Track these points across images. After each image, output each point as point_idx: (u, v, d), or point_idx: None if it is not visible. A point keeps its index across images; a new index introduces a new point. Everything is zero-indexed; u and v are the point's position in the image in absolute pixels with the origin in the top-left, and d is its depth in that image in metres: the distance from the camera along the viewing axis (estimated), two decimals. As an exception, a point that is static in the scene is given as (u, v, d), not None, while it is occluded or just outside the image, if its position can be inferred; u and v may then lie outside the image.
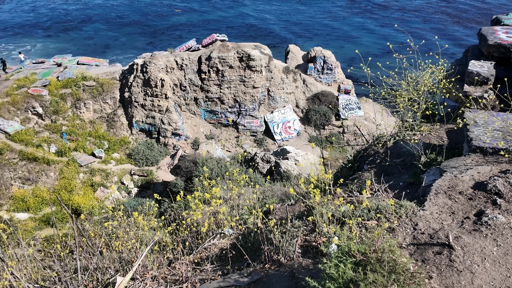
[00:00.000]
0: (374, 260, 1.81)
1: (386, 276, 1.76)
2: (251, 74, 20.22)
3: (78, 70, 19.68)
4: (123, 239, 2.99)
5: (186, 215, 3.38)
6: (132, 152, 18.40)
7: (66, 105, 18.36)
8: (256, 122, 21.41)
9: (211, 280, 2.58)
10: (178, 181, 13.75)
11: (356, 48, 7.11)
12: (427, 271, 2.11)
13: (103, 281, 2.76)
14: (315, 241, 2.68)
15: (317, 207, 2.70)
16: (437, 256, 2.23)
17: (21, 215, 13.60)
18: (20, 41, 33.01)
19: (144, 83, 19.57)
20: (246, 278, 2.45)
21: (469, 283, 2.03)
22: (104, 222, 3.49)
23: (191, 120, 21.12)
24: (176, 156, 18.29)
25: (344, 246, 1.93)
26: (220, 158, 14.11)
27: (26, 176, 15.01)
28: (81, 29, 36.02)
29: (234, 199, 3.59)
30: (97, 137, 18.06)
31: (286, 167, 14.00)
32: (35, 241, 9.90)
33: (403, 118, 4.70)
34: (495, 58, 6.41)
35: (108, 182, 16.10)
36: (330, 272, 1.83)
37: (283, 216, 3.25)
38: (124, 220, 3.15)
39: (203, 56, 20.27)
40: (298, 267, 2.43)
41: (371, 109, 21.54)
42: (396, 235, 2.49)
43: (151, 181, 16.92)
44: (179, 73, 20.48)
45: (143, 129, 19.75)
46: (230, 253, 2.84)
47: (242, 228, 3.33)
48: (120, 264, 2.90)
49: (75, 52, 26.81)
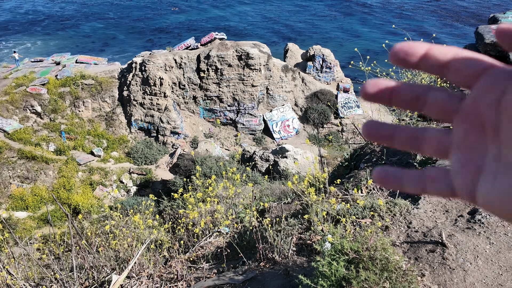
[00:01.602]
0: (366, 258, 1.82)
1: (379, 273, 1.77)
2: (250, 73, 20.19)
3: (77, 68, 19.64)
4: (119, 238, 3.00)
5: (182, 214, 3.38)
6: (131, 150, 18.40)
7: (65, 103, 18.33)
8: (255, 120, 21.40)
9: (206, 278, 2.59)
10: (177, 180, 13.76)
11: (355, 46, 7.10)
12: (419, 269, 2.12)
13: (99, 279, 2.77)
14: (309, 239, 2.69)
15: (312, 205, 2.71)
16: (430, 254, 2.24)
17: (20, 213, 13.61)
18: (20, 39, 32.90)
19: (143, 82, 19.54)
20: (241, 276, 2.46)
21: (462, 280, 2.04)
22: (103, 220, 3.51)
23: (190, 119, 21.11)
24: (175, 154, 18.29)
25: (337, 244, 1.94)
26: (219, 157, 14.11)
27: (25, 175, 15.01)
28: (80, 27, 35.91)
29: (231, 198, 3.60)
30: (96, 136, 18.05)
31: (285, 165, 14.02)
32: (33, 240, 9.92)
33: (399, 117, 4.71)
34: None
35: (107, 181, 16.11)
36: (323, 270, 1.84)
37: (279, 214, 3.26)
38: (120, 218, 3.15)
39: (201, 55, 20.23)
40: (293, 265, 2.44)
41: (370, 107, 21.55)
42: (390, 233, 2.50)
43: (150, 180, 16.93)
44: (178, 72, 20.44)
45: (142, 127, 19.75)
46: (225, 251, 2.85)
47: (239, 227, 3.34)
48: (116, 263, 2.91)
49: (74, 50, 26.74)
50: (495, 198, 0.26)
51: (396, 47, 0.29)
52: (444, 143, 0.30)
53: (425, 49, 0.29)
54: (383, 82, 0.31)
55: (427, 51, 0.29)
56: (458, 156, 0.29)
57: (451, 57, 0.28)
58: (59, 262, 3.10)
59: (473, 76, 0.28)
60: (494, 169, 0.27)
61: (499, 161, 0.27)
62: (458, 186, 0.29)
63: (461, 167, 0.29)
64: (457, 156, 0.29)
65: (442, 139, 0.30)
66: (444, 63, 0.28)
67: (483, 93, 0.28)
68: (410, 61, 0.29)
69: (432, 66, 0.29)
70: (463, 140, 0.29)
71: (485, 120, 0.28)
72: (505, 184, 0.26)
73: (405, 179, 0.31)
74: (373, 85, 0.31)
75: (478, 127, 0.28)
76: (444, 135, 0.30)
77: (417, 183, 0.31)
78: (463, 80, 0.29)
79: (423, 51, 0.29)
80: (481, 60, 0.28)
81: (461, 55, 0.28)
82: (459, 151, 0.29)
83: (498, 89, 0.27)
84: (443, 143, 0.30)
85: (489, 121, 0.28)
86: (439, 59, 0.28)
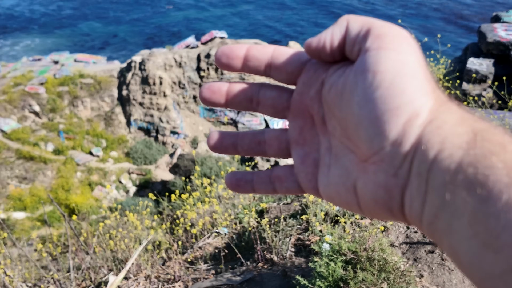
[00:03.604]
0: (364, 258, 1.81)
1: (376, 274, 1.76)
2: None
3: (76, 67, 19.60)
4: (116, 239, 2.98)
5: (180, 214, 3.37)
6: (130, 150, 18.37)
7: (63, 103, 18.29)
8: (256, 120, 21.42)
9: (203, 279, 2.58)
10: (176, 180, 13.74)
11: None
12: (418, 270, 2.11)
13: (96, 280, 2.76)
14: (308, 240, 2.68)
15: (311, 205, 2.70)
16: (429, 255, 2.23)
17: (18, 214, 13.58)
18: (18, 36, 32.84)
19: (142, 81, 19.51)
20: (238, 277, 2.45)
21: (460, 281, 2.03)
22: (101, 221, 3.50)
23: (190, 119, 21.09)
24: (175, 155, 18.28)
25: (335, 245, 1.93)
26: (219, 157, 14.10)
27: (23, 175, 14.98)
28: (79, 25, 35.84)
29: (230, 198, 3.58)
30: (95, 136, 18.02)
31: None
32: (31, 241, 9.92)
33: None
34: (494, 55, 6.40)
35: (106, 181, 16.08)
36: (320, 270, 1.82)
37: (278, 215, 3.25)
38: (118, 219, 3.14)
39: (202, 54, 20.20)
40: (291, 266, 2.43)
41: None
42: (389, 234, 2.48)
43: (150, 180, 16.91)
44: (177, 71, 20.41)
45: (141, 127, 19.72)
46: (224, 252, 2.84)
47: (237, 227, 3.33)
48: (114, 263, 2.90)
49: (73, 49, 26.67)
50: (331, 191, 0.27)
51: (218, 52, 0.29)
52: (284, 141, 0.30)
53: (245, 51, 0.28)
54: (215, 85, 0.30)
55: (246, 52, 0.28)
56: (297, 152, 0.29)
57: (270, 56, 0.28)
58: (57, 263, 3.09)
59: (294, 73, 0.28)
60: (327, 162, 0.27)
61: (330, 153, 0.27)
62: (302, 182, 0.29)
63: (300, 163, 0.29)
64: (295, 152, 0.29)
65: (281, 138, 0.30)
66: (266, 64, 0.28)
67: (306, 87, 0.28)
68: (234, 65, 0.28)
69: (255, 67, 0.28)
70: (299, 136, 0.29)
71: (313, 113, 0.28)
72: (335, 175, 0.26)
73: (256, 182, 0.31)
74: (207, 89, 0.30)
75: (309, 121, 0.29)
76: (282, 134, 0.31)
77: (268, 184, 0.31)
78: (286, 78, 0.29)
79: (242, 54, 0.28)
80: (298, 55, 0.28)
81: (278, 52, 0.28)
82: (297, 147, 0.29)
83: (317, 81, 0.27)
84: (283, 142, 0.30)
85: (316, 114, 0.28)
86: (259, 59, 0.28)
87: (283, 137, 0.30)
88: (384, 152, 0.22)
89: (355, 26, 0.25)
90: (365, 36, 0.24)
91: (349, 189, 0.25)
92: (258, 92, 0.30)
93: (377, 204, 0.24)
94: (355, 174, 0.25)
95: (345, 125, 0.25)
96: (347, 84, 0.25)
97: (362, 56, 0.24)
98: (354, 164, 0.25)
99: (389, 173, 0.22)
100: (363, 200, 0.24)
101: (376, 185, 0.23)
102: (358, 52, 0.24)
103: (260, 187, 0.31)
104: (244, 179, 0.31)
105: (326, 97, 0.27)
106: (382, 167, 0.23)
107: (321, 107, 0.28)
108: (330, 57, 0.26)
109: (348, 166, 0.26)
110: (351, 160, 0.25)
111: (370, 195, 0.24)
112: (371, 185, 0.23)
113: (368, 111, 0.22)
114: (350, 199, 0.25)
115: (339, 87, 0.25)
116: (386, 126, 0.22)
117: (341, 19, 0.26)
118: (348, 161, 0.26)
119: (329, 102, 0.26)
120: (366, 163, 0.24)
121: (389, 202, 0.23)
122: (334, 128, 0.27)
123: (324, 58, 0.27)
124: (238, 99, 0.30)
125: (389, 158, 0.22)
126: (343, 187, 0.26)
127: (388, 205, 0.23)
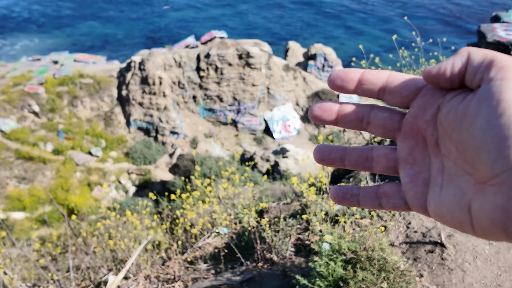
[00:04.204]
0: (364, 258, 1.81)
1: (376, 274, 1.76)
2: (250, 72, 20.16)
3: (75, 67, 19.57)
4: (116, 239, 2.98)
5: (179, 214, 3.37)
6: (130, 150, 18.35)
7: (63, 103, 18.27)
8: (256, 120, 21.38)
9: (203, 279, 2.57)
10: (176, 180, 13.73)
11: (357, 45, 7.07)
12: (418, 270, 2.11)
13: (96, 280, 2.75)
14: (308, 240, 2.68)
15: (311, 205, 2.69)
16: (429, 254, 2.23)
17: (17, 214, 13.56)
18: (17, 36, 32.78)
19: (141, 81, 19.49)
20: (238, 277, 2.44)
21: (460, 281, 2.03)
22: (101, 221, 3.49)
23: (189, 119, 21.07)
24: (175, 155, 18.26)
25: (334, 244, 1.93)
26: (219, 157, 14.10)
27: (22, 175, 14.95)
28: (78, 26, 35.80)
29: (230, 198, 3.58)
30: (94, 136, 17.99)
31: (285, 166, 14.00)
32: (31, 241, 9.90)
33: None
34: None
35: (105, 181, 16.06)
36: (320, 270, 1.82)
37: (278, 215, 3.24)
38: (118, 219, 3.13)
39: (201, 54, 20.18)
40: (291, 265, 2.43)
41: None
42: (389, 234, 2.48)
43: (149, 180, 16.89)
44: (177, 71, 20.40)
45: (141, 127, 19.69)
46: (223, 252, 2.83)
47: (237, 227, 3.33)
48: (113, 263, 2.89)
49: (72, 48, 26.64)
50: (442, 210, 0.28)
51: (332, 75, 0.31)
52: (392, 160, 0.32)
53: (359, 75, 0.30)
54: (327, 105, 0.32)
55: (361, 76, 0.30)
56: (406, 171, 0.31)
57: (385, 80, 0.30)
58: (56, 263, 3.08)
59: (409, 97, 0.30)
60: (439, 182, 0.29)
61: (443, 173, 0.29)
62: (410, 200, 0.31)
63: (409, 182, 0.31)
64: (405, 171, 0.31)
65: (389, 157, 0.32)
66: (380, 87, 0.30)
67: (421, 111, 0.30)
68: (347, 87, 0.31)
69: (369, 90, 0.31)
70: (408, 156, 0.31)
71: (426, 135, 0.30)
72: (449, 195, 0.27)
73: (362, 196, 0.33)
74: (318, 108, 0.32)
75: (421, 142, 0.30)
76: (390, 152, 0.33)
77: (374, 199, 0.32)
78: (400, 101, 0.31)
79: (357, 77, 0.30)
80: (414, 80, 0.30)
81: (393, 77, 0.30)
82: (406, 166, 0.31)
83: (434, 105, 0.29)
84: (391, 160, 0.32)
85: (429, 136, 0.30)
86: (374, 83, 0.30)
87: (391, 156, 0.32)
88: (506, 175, 0.23)
89: (477, 57, 0.26)
90: (488, 67, 0.25)
91: (464, 208, 0.26)
92: (369, 113, 0.32)
93: (493, 225, 0.24)
94: (470, 194, 0.26)
95: (463, 148, 0.26)
96: (468, 109, 0.26)
97: (485, 85, 0.25)
98: (470, 185, 0.26)
99: (509, 195, 0.23)
100: (478, 220, 0.25)
101: (494, 206, 0.24)
102: (479, 81, 0.26)
103: (365, 202, 0.33)
104: (350, 193, 0.33)
105: (442, 121, 0.28)
106: (502, 189, 0.24)
107: (435, 130, 0.29)
108: (448, 84, 0.28)
109: (463, 186, 0.27)
110: (467, 181, 0.26)
111: (487, 216, 0.25)
112: (489, 206, 0.24)
113: (491, 136, 0.24)
114: (463, 218, 0.26)
115: (459, 112, 0.27)
116: (509, 151, 0.23)
117: (462, 50, 0.27)
118: (463, 182, 0.27)
119: (446, 126, 0.28)
120: (484, 185, 0.25)
121: (506, 223, 0.24)
122: (448, 150, 0.28)
123: (442, 84, 0.28)
124: (348, 119, 0.32)
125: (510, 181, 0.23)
126: (457, 206, 0.27)
127: (504, 226, 0.24)
